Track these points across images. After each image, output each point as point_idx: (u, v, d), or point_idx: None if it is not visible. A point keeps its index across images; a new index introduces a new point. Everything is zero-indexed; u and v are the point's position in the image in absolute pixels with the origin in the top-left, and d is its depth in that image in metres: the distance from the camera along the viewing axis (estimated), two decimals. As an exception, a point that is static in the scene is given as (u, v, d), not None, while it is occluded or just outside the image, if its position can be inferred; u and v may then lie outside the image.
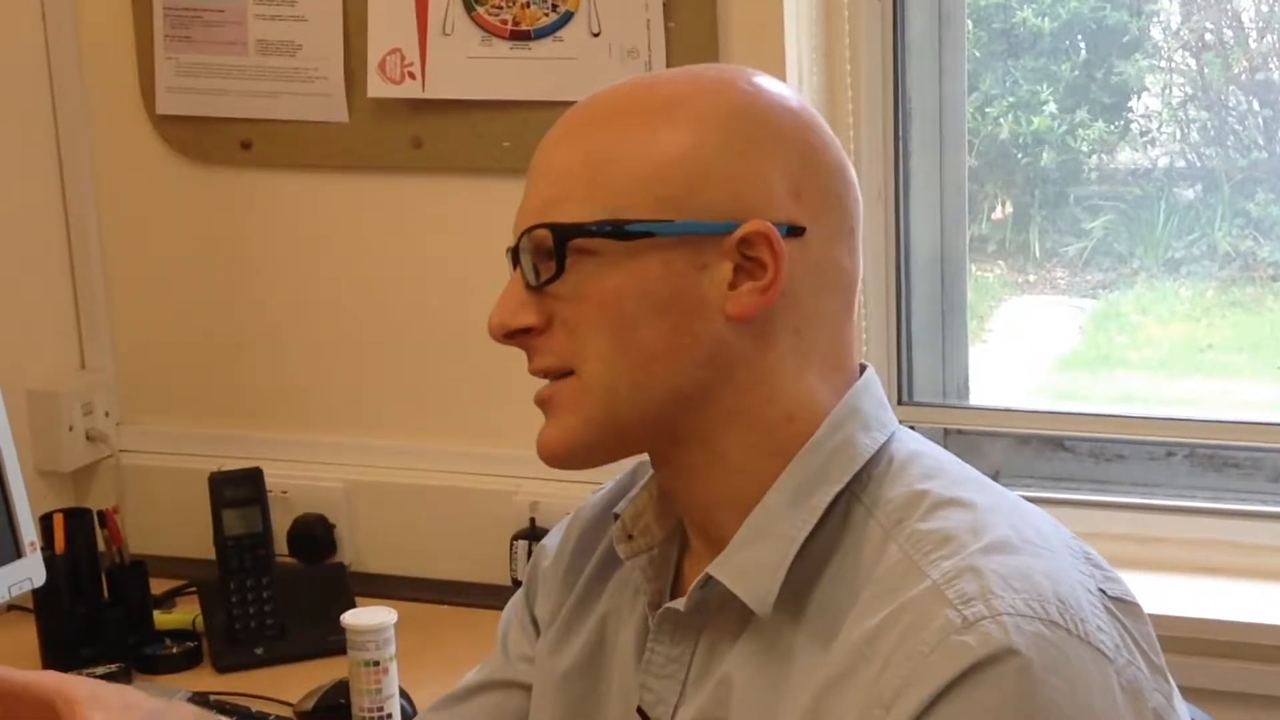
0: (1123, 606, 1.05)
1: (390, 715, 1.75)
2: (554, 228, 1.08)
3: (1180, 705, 1.07)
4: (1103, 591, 1.05)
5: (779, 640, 1.07)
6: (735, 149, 1.08)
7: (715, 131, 1.08)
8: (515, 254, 1.12)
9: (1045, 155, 2.23)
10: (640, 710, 1.15)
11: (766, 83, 1.13)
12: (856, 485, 1.09)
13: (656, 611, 1.15)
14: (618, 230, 1.07)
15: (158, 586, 2.15)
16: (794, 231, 1.08)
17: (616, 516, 1.19)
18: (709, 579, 1.09)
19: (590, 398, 1.09)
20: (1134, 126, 2.23)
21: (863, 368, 1.15)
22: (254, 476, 2.10)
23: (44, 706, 1.13)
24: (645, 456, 1.19)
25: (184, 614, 2.14)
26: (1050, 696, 0.96)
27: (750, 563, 1.08)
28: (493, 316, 1.12)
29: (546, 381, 1.12)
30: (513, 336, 1.11)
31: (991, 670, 0.96)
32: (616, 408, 1.09)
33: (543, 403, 1.12)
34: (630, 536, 1.18)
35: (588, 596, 1.24)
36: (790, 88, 1.14)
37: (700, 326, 1.08)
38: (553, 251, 1.08)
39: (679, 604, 1.12)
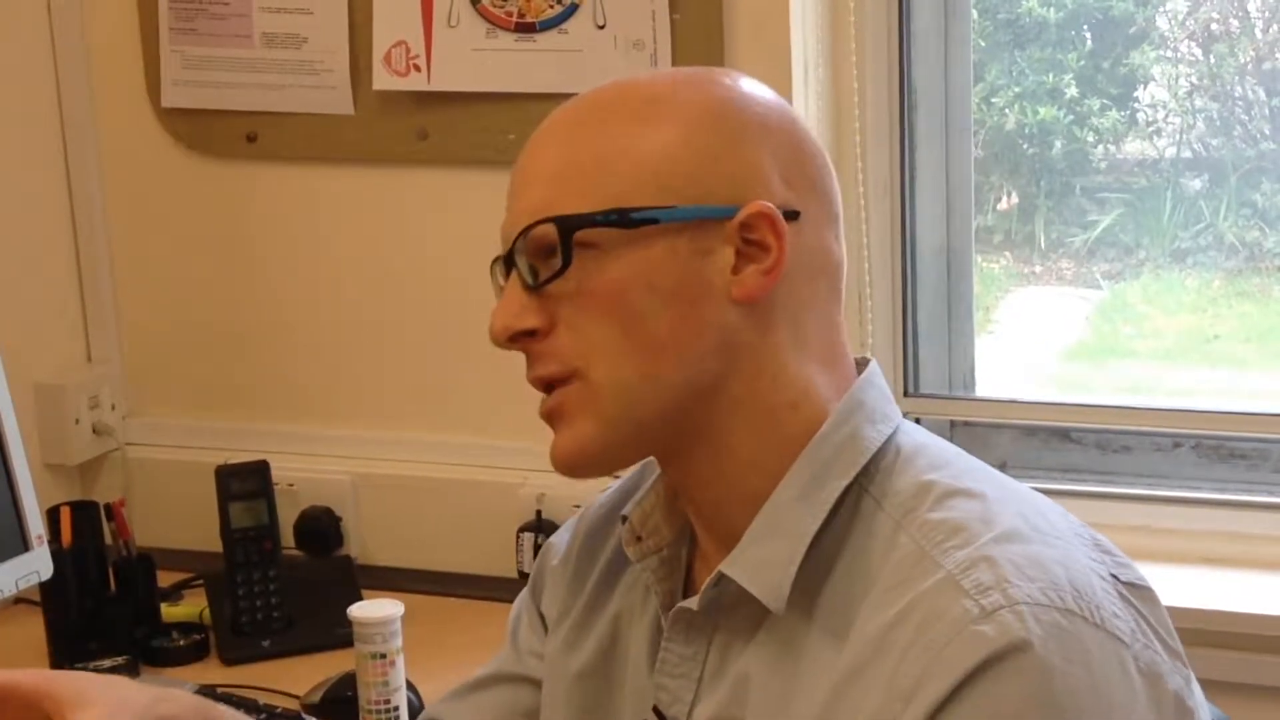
0: (1136, 591, 1.05)
1: (397, 708, 1.75)
2: (558, 220, 1.08)
3: (1199, 689, 1.07)
4: (1115, 577, 1.05)
5: (794, 635, 1.07)
6: (725, 138, 1.09)
7: (704, 123, 1.09)
8: (508, 261, 1.11)
9: (1051, 146, 2.23)
10: (656, 710, 1.15)
11: (744, 81, 1.14)
12: (865, 478, 1.09)
13: (669, 612, 1.15)
14: (623, 218, 1.07)
15: (164, 579, 2.15)
16: (789, 215, 1.09)
17: (624, 519, 1.19)
18: (721, 577, 1.09)
19: (602, 397, 1.09)
20: (1140, 117, 2.23)
21: (866, 361, 1.16)
22: (260, 469, 2.10)
23: (29, 708, 1.07)
24: (652, 458, 1.18)
25: (191, 607, 2.14)
26: (1070, 685, 0.97)
27: (762, 559, 1.08)
28: (494, 321, 1.11)
29: (545, 395, 1.11)
30: (516, 340, 1.11)
31: (1011, 661, 0.96)
32: (631, 404, 1.09)
33: (550, 414, 1.11)
34: (639, 538, 1.18)
35: (599, 597, 1.24)
36: (765, 86, 1.15)
37: (707, 313, 1.08)
38: (555, 247, 1.08)
39: (691, 603, 1.12)
